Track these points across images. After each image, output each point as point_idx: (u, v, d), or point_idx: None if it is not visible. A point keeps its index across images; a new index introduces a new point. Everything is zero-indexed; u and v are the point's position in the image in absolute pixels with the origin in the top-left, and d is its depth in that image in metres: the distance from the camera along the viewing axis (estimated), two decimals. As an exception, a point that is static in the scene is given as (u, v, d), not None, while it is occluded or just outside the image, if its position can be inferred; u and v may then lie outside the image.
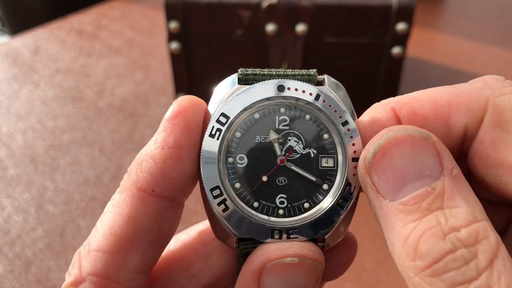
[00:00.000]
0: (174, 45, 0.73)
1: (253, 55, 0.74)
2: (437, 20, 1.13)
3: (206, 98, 0.28)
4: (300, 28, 0.70)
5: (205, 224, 0.30)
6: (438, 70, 0.91)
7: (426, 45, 1.00)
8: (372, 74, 0.75)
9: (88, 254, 0.25)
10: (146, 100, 0.84)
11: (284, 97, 0.26)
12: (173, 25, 0.71)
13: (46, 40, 1.02)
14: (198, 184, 0.27)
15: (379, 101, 0.28)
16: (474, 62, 0.94)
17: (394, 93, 0.76)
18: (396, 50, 0.71)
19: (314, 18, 0.70)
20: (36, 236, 0.60)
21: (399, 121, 0.25)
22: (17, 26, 1.41)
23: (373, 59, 0.73)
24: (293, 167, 0.26)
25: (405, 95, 0.26)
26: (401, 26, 0.69)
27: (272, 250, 0.25)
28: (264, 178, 0.26)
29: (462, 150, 0.26)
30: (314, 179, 0.26)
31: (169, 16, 0.71)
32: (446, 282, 0.20)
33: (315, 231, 0.26)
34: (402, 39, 0.71)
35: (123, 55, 0.96)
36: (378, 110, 0.26)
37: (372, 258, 0.50)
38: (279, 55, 0.73)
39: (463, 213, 0.21)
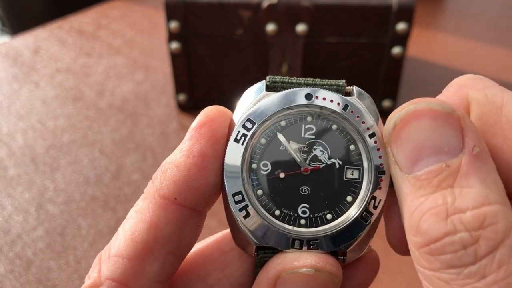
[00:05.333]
0: (174, 45, 0.73)
1: (253, 55, 0.74)
2: (437, 20, 1.13)
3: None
4: (300, 28, 0.70)
5: (223, 234, 0.30)
6: (438, 70, 0.91)
7: (426, 45, 1.00)
8: (372, 74, 0.75)
9: (108, 259, 0.25)
10: (146, 100, 0.84)
11: (311, 106, 0.26)
12: (173, 25, 0.71)
13: (46, 40, 1.02)
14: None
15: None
16: (474, 62, 0.94)
17: (394, 93, 0.76)
18: (396, 50, 0.71)
19: (314, 18, 0.70)
20: (37, 236, 0.60)
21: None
22: (17, 26, 1.41)
23: (373, 59, 0.73)
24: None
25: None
26: (401, 26, 0.69)
27: (289, 260, 0.25)
28: (282, 175, 0.26)
29: None
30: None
31: (169, 16, 0.71)
32: (441, 263, 0.20)
33: (336, 243, 0.25)
34: (402, 39, 0.71)
35: (123, 55, 0.96)
36: None
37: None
38: (279, 55, 0.73)
39: (474, 193, 0.20)
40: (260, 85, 0.27)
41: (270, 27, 0.71)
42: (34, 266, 0.57)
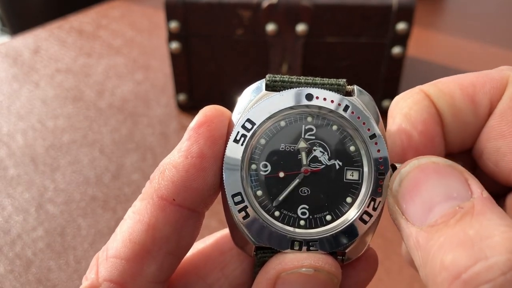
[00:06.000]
0: (174, 45, 0.73)
1: (253, 55, 0.74)
2: (437, 20, 1.13)
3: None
4: (300, 28, 0.70)
5: (222, 233, 0.30)
6: (438, 70, 0.91)
7: (426, 45, 1.00)
8: (372, 74, 0.75)
9: (106, 260, 0.25)
10: (146, 100, 0.84)
11: (312, 106, 0.25)
12: (173, 25, 0.71)
13: (46, 40, 1.02)
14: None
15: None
16: (474, 62, 0.94)
17: (394, 93, 0.76)
18: (396, 50, 0.71)
19: (314, 18, 0.70)
20: (36, 236, 0.60)
21: (430, 100, 0.26)
22: (17, 26, 1.41)
23: (373, 59, 0.73)
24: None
25: (430, 82, 0.26)
26: (401, 26, 0.69)
27: (288, 260, 0.25)
28: (281, 174, 0.26)
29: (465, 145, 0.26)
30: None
31: (169, 16, 0.71)
32: None
33: (335, 244, 0.25)
34: (402, 39, 0.71)
35: (123, 55, 0.96)
36: (406, 104, 0.26)
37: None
38: (279, 55, 0.73)
39: (496, 224, 0.20)
40: (260, 84, 0.27)
41: (270, 27, 0.71)
42: (34, 266, 0.57)
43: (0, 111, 0.82)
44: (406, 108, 0.26)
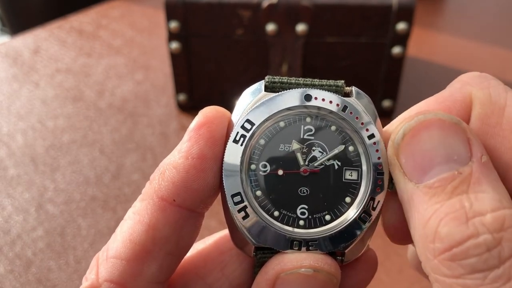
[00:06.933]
0: (174, 45, 0.73)
1: (253, 55, 0.74)
2: (437, 20, 1.13)
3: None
4: (300, 28, 0.70)
5: (222, 234, 0.30)
6: (438, 70, 0.91)
7: (426, 45, 1.00)
8: (372, 74, 0.75)
9: (106, 260, 0.25)
10: (146, 100, 0.84)
11: (311, 107, 0.26)
12: (173, 25, 0.71)
13: (46, 40, 1.02)
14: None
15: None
16: (474, 62, 0.94)
17: (394, 93, 0.76)
18: (396, 50, 0.71)
19: (314, 18, 0.70)
20: (36, 236, 0.60)
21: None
22: (17, 26, 1.41)
23: (373, 59, 0.73)
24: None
25: (397, 118, 0.26)
26: (401, 26, 0.69)
27: (287, 260, 0.25)
28: (280, 172, 0.26)
29: None
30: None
31: (169, 16, 0.71)
32: (465, 268, 0.20)
33: (334, 244, 0.25)
34: (402, 39, 0.71)
35: (123, 55, 0.96)
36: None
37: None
38: (279, 55, 0.73)
39: (490, 198, 0.20)
40: (259, 85, 0.27)
41: (270, 27, 0.71)
42: (34, 266, 0.57)
43: (0, 111, 0.82)
44: None
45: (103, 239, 0.60)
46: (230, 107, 0.27)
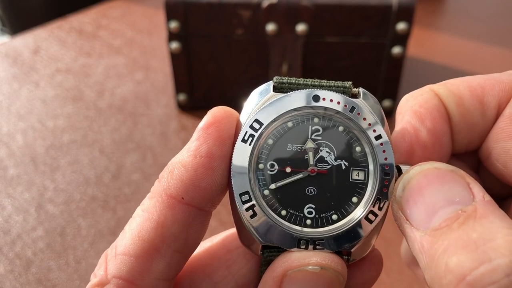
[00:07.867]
0: (174, 45, 0.73)
1: (253, 55, 0.74)
2: (437, 20, 1.13)
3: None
4: (300, 27, 0.70)
5: (229, 232, 0.30)
6: (438, 70, 0.91)
7: (426, 45, 1.00)
8: (372, 74, 0.75)
9: (114, 257, 0.25)
10: (146, 100, 0.84)
11: (318, 107, 0.26)
12: (173, 25, 0.71)
13: (46, 40, 1.02)
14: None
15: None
16: (474, 62, 0.94)
17: (394, 93, 0.76)
18: (396, 50, 0.71)
19: (314, 18, 0.70)
20: (36, 236, 0.60)
21: (439, 99, 0.26)
22: (17, 26, 1.41)
23: (373, 59, 0.73)
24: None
25: (439, 82, 0.27)
26: (401, 26, 0.69)
27: (294, 258, 0.25)
28: (288, 170, 0.26)
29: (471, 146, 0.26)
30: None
31: (169, 16, 0.71)
32: None
33: (341, 243, 0.26)
34: (402, 39, 0.71)
35: (123, 55, 0.96)
36: (416, 102, 0.26)
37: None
38: (279, 55, 0.73)
39: (498, 226, 0.20)
40: (267, 86, 0.27)
41: (270, 27, 0.71)
42: (34, 266, 0.57)
43: (0, 111, 0.82)
44: (416, 105, 0.26)
45: (103, 239, 0.60)
46: (230, 107, 0.27)
